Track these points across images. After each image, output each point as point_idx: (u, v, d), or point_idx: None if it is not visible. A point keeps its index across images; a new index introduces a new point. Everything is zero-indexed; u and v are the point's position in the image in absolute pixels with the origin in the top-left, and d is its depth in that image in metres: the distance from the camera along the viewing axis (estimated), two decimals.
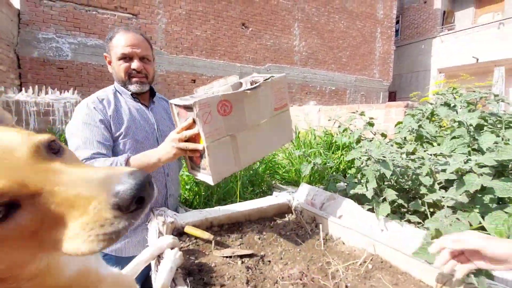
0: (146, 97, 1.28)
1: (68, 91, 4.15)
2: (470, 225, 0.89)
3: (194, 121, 0.84)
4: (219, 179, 0.91)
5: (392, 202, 1.23)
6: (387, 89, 12.68)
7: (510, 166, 1.01)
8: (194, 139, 0.87)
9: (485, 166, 0.89)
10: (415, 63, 13.92)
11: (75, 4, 6.56)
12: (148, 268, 0.88)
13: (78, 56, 6.70)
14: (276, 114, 1.07)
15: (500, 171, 1.09)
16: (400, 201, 1.23)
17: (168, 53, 7.66)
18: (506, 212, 0.86)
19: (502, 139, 1.21)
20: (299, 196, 1.38)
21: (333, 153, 2.28)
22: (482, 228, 0.90)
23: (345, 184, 1.55)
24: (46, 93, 3.76)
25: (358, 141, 1.70)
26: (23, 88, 3.82)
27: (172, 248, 0.90)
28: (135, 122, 1.17)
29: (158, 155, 0.94)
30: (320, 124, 4.86)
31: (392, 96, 14.29)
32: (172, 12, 7.71)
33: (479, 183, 0.85)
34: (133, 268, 0.77)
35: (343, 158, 2.09)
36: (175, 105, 0.90)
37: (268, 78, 1.01)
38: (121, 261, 1.16)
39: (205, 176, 0.90)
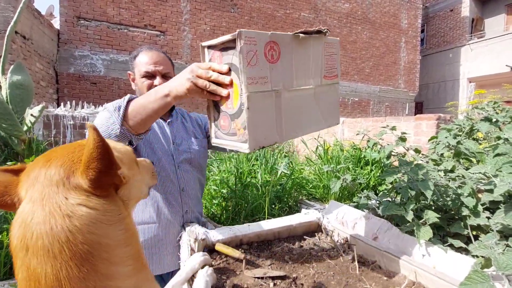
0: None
1: (101, 105, 4.41)
2: None
3: (229, 70, 0.67)
4: (256, 146, 0.69)
5: (431, 224, 1.16)
6: (413, 100, 12.26)
7: None
8: (222, 83, 0.69)
9: None
10: (443, 73, 13.40)
11: (108, 23, 7.01)
12: None
13: (110, 71, 7.10)
14: (325, 84, 0.90)
15: None
16: (440, 223, 1.16)
17: None
18: None
19: None
20: (329, 213, 1.34)
21: (361, 168, 2.22)
22: None
23: (377, 202, 1.49)
24: (82, 107, 4.01)
25: (389, 156, 1.64)
26: (62, 103, 4.10)
27: (203, 267, 0.90)
28: (155, 136, 1.20)
29: (169, 87, 0.77)
30: (344, 136, 4.76)
31: (419, 107, 13.78)
32: (197, 29, 8.02)
33: None
34: None
35: (373, 174, 2.02)
36: (208, 47, 0.73)
37: (324, 31, 0.82)
38: None
39: (236, 143, 0.72)
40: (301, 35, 0.74)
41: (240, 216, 1.85)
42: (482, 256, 0.83)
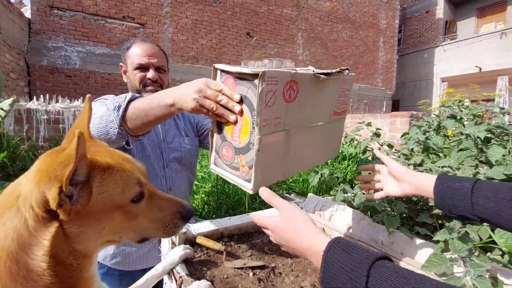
0: None
1: (77, 99, 4.24)
2: (480, 239, 0.90)
3: (241, 100, 0.62)
4: (261, 186, 0.65)
5: (400, 214, 1.24)
6: (390, 98, 12.70)
7: None
8: (230, 110, 0.64)
9: (494, 179, 0.90)
10: (418, 72, 13.98)
11: (84, 13, 6.72)
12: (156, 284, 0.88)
13: (86, 64, 6.83)
14: (333, 120, 0.90)
15: None
16: (409, 213, 1.24)
17: (174, 62, 7.78)
18: None
19: (509, 152, 1.22)
20: (307, 206, 1.39)
21: (339, 163, 2.30)
22: (492, 242, 0.91)
23: (353, 195, 1.56)
24: (56, 101, 3.84)
25: (365, 151, 1.72)
26: (34, 97, 3.90)
27: (184, 260, 0.92)
28: None
29: (173, 97, 0.72)
30: None
31: (396, 105, 14.30)
32: (178, 22, 7.86)
33: None
34: (145, 283, 0.78)
35: (350, 168, 2.11)
36: (222, 70, 0.66)
37: (345, 71, 0.79)
38: (124, 275, 1.14)
39: (239, 179, 0.68)
40: (322, 76, 0.71)
41: (221, 211, 1.88)
42: (443, 241, 0.90)
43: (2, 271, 0.35)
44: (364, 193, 1.36)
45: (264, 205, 2.04)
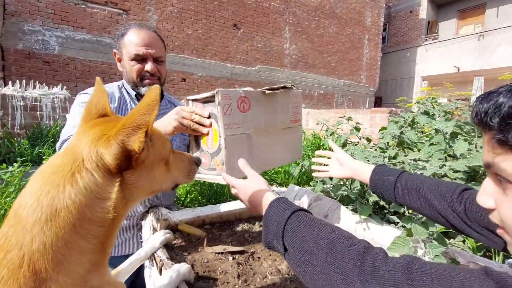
0: None
1: (55, 86, 4.06)
2: None
3: (209, 116, 0.84)
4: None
5: (375, 204, 1.31)
6: (373, 95, 13.01)
7: (480, 172, 1.11)
8: (203, 124, 0.86)
9: (459, 171, 0.98)
10: (400, 70, 14.36)
11: None
12: (138, 268, 0.90)
13: (66, 50, 6.55)
14: (291, 127, 1.11)
15: (472, 176, 1.18)
16: (382, 202, 1.32)
17: None
18: None
19: (475, 147, 1.31)
20: (288, 196, 1.44)
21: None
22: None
23: (331, 185, 1.62)
24: (34, 87, 3.67)
25: (345, 144, 1.79)
26: (9, 82, 3.72)
27: (165, 245, 0.94)
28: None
29: (156, 125, 0.86)
30: (309, 127, 4.95)
31: (378, 102, 14.67)
32: (163, 10, 7.66)
33: None
34: (128, 267, 0.80)
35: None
36: (192, 100, 0.90)
37: (289, 87, 1.01)
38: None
39: (216, 176, 0.87)
40: (267, 91, 0.92)
41: (203, 199, 1.90)
42: (409, 227, 0.97)
43: (66, 226, 0.38)
44: (341, 184, 1.43)
45: None
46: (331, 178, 1.37)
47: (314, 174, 1.07)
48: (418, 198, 0.68)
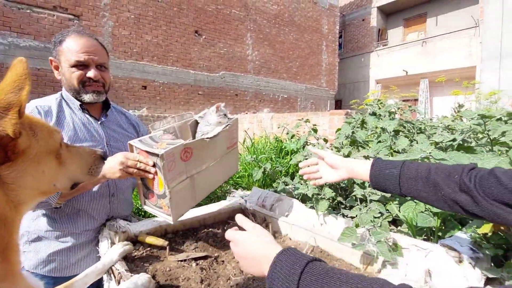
0: (96, 108, 1.18)
1: None
2: (391, 214, 1.07)
3: (154, 165, 0.86)
4: (178, 217, 0.97)
5: (332, 200, 1.39)
6: (333, 98, 13.68)
7: None
8: (148, 172, 0.88)
9: None
10: (357, 74, 15.32)
11: (5, 1, 5.89)
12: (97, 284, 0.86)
13: (9, 58, 5.99)
14: (228, 152, 1.18)
15: None
16: (339, 198, 1.40)
17: (116, 58, 7.28)
18: (415, 202, 1.06)
19: (417, 142, 1.46)
20: (251, 199, 1.47)
21: (283, 158, 2.45)
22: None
23: (293, 186, 1.69)
24: None
25: (304, 146, 1.87)
26: None
27: (124, 257, 0.91)
28: (78, 138, 1.06)
29: (104, 171, 0.89)
30: (273, 130, 5.07)
31: (339, 104, 15.46)
32: (119, 15, 7.37)
33: None
34: (83, 278, 0.77)
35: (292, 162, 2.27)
36: (136, 147, 0.90)
37: (226, 126, 1.07)
38: (60, 282, 1.08)
39: (163, 214, 0.94)
40: (207, 139, 0.99)
41: None
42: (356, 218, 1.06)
43: None
44: (302, 184, 1.50)
45: (211, 201, 2.07)
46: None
47: (311, 183, 1.00)
48: (425, 185, 0.65)
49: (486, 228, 0.85)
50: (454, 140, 1.03)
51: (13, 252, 0.41)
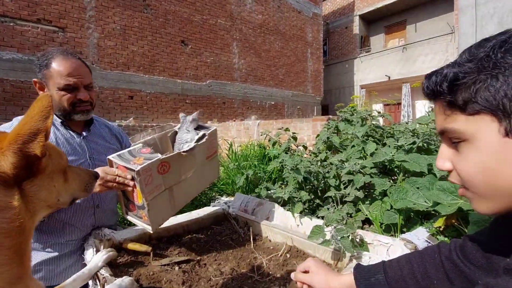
0: (79, 124, 1.21)
1: None
2: (359, 211, 1.16)
3: (132, 178, 0.91)
4: (157, 226, 1.02)
5: (310, 202, 1.47)
6: (320, 103, 13.95)
7: (387, 165, 1.33)
8: (127, 185, 0.93)
9: (366, 167, 1.18)
10: (342, 80, 15.71)
11: None
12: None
13: None
14: (207, 162, 1.22)
15: (383, 170, 1.41)
16: (317, 200, 1.48)
17: (101, 68, 7.26)
18: (382, 201, 1.15)
19: (389, 146, 1.56)
20: (234, 204, 1.53)
21: (266, 164, 2.53)
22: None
23: (274, 190, 1.77)
24: None
25: (286, 152, 1.96)
26: None
27: (108, 263, 0.96)
28: (61, 146, 1.10)
29: None
30: (260, 137, 5.16)
31: (326, 109, 15.76)
32: (104, 27, 7.38)
33: (362, 180, 1.12)
34: (72, 283, 0.81)
35: (275, 168, 2.34)
36: (115, 162, 0.94)
37: (202, 137, 1.11)
38: None
39: (143, 224, 0.99)
40: (184, 153, 1.03)
41: None
42: (326, 217, 1.14)
43: None
44: (282, 189, 1.57)
45: (196, 208, 2.11)
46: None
47: None
48: (414, 280, 0.62)
49: (440, 222, 0.95)
50: (414, 143, 1.13)
51: (26, 257, 0.47)
